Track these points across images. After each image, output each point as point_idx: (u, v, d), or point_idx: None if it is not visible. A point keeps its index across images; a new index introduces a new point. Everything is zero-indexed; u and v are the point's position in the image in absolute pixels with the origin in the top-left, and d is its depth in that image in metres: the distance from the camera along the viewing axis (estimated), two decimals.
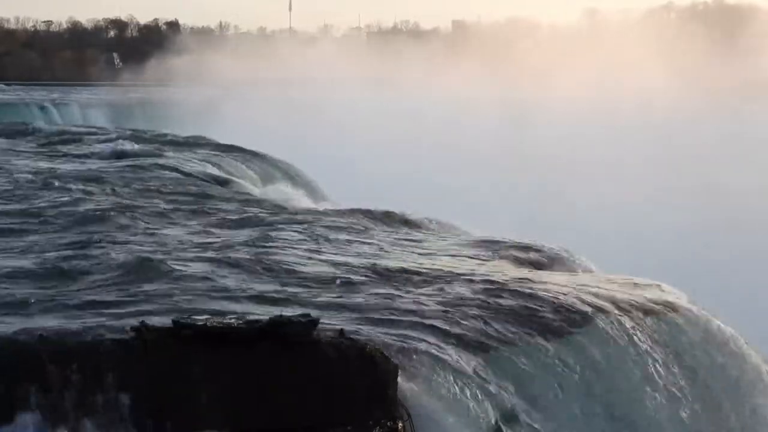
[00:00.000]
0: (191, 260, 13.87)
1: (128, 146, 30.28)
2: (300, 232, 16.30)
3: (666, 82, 64.89)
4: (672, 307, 13.15)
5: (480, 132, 56.61)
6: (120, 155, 28.31)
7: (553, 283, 13.38)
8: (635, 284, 13.86)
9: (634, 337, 12.21)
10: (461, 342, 10.98)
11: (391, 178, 42.57)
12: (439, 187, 42.06)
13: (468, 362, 10.63)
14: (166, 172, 24.56)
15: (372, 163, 46.76)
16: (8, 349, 9.36)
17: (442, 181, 44.40)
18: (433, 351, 10.60)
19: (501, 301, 12.34)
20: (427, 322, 11.42)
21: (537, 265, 15.25)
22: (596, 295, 12.92)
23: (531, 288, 12.94)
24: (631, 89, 64.43)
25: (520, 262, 15.25)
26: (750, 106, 60.70)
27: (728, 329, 13.34)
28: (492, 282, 13.26)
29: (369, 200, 21.14)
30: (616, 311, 12.54)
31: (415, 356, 10.41)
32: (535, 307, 12.20)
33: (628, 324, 12.37)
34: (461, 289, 12.84)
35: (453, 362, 10.52)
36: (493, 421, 10.14)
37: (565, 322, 11.94)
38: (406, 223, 18.79)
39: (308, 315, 9.96)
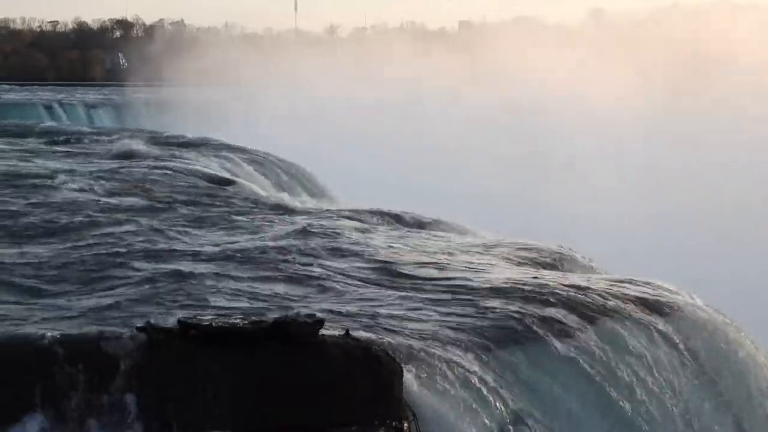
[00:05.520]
0: (197, 260, 13.87)
1: (134, 147, 30.37)
2: (307, 233, 16.29)
3: None
4: (680, 307, 13.13)
5: (485, 133, 56.52)
6: (125, 156, 28.34)
7: (560, 283, 13.35)
8: (642, 284, 13.82)
9: (643, 337, 12.19)
10: (468, 343, 10.95)
11: (394, 180, 42.55)
12: (445, 188, 42.02)
13: (474, 364, 10.60)
14: (172, 172, 24.57)
15: (374, 165, 46.73)
16: (14, 350, 9.35)
17: (446, 183, 44.35)
18: (439, 352, 10.57)
19: (509, 302, 12.32)
20: (434, 322, 11.41)
21: (545, 266, 15.24)
22: (604, 295, 12.89)
23: (539, 289, 12.91)
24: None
25: (527, 263, 15.24)
26: None
27: (737, 329, 13.32)
28: (500, 283, 13.24)
29: (374, 202, 21.14)
30: (624, 311, 12.52)
31: (420, 357, 10.39)
32: (543, 308, 12.17)
33: (637, 324, 12.35)
34: (469, 291, 12.82)
35: (459, 363, 10.49)
36: (499, 424, 10.12)
37: (572, 323, 11.92)
38: (415, 224, 18.81)
39: (314, 315, 9.94)
